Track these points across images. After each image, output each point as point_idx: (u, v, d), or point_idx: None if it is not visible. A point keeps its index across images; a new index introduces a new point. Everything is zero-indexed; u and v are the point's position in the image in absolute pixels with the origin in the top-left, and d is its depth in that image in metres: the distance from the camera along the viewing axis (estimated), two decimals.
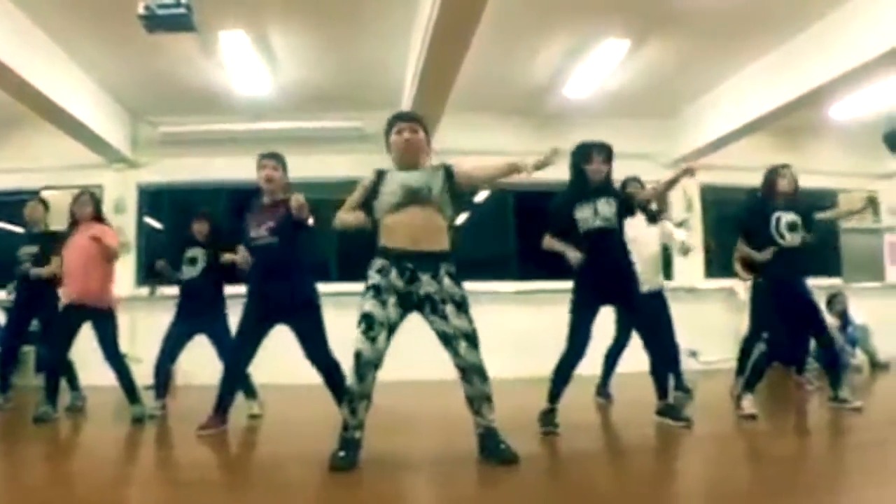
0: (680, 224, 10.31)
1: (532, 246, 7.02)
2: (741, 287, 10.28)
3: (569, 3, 7.34)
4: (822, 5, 7.30)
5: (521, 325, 9.52)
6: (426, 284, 4.20)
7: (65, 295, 6.51)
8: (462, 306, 4.21)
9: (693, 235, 10.60)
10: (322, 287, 5.74)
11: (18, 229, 9.73)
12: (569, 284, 5.78)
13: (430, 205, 4.32)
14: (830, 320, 10.00)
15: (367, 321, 4.12)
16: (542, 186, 10.53)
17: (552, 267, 7.76)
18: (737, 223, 7.09)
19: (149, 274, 8.37)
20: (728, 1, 7.08)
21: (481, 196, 10.86)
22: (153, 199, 10.60)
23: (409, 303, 4.22)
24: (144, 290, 8.35)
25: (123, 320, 8.00)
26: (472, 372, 4.17)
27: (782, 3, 7.24)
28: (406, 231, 4.25)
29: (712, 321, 10.35)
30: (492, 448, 4.16)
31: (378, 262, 4.27)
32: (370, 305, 4.15)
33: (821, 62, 7.61)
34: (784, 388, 8.56)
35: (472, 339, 4.18)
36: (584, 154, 5.85)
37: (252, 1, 7.13)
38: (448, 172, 4.50)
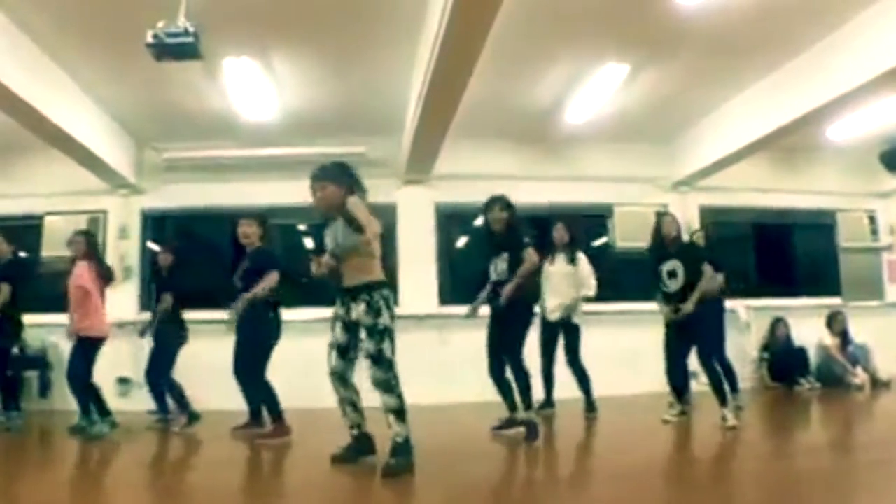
0: None
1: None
2: (742, 308, 10.34)
3: (569, 29, 7.38)
4: (819, 28, 7.34)
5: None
6: (353, 312, 5.01)
7: None
8: (371, 331, 4.90)
9: None
10: None
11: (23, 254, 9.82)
12: None
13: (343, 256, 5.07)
14: (830, 340, 10.08)
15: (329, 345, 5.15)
16: (541, 210, 10.67)
17: None
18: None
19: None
20: (726, 25, 7.12)
21: (481, 220, 10.89)
22: (157, 224, 10.59)
23: (350, 326, 5.09)
24: (146, 316, 8.45)
25: (125, 345, 8.19)
26: (378, 387, 4.88)
27: (779, 26, 7.29)
28: (342, 271, 5.10)
29: None
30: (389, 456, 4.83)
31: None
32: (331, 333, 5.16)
33: (818, 84, 7.65)
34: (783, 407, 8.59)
35: (376, 359, 4.86)
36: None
37: (257, 27, 7.17)
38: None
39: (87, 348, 7.18)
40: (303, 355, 6.87)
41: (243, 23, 7.02)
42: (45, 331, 9.52)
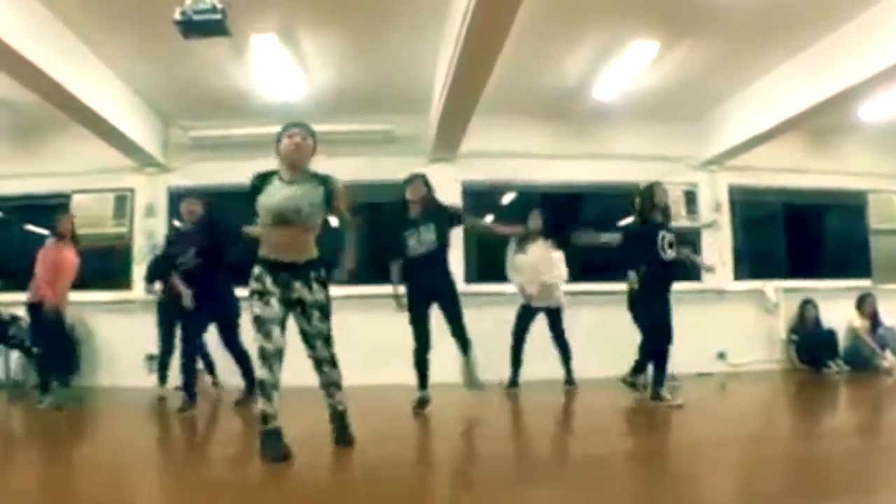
0: (708, 225, 10.31)
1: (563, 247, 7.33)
2: (771, 289, 10.25)
3: (598, 6, 7.31)
4: (852, 6, 7.23)
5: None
6: (298, 290, 4.60)
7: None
8: (325, 311, 4.68)
9: (722, 237, 10.60)
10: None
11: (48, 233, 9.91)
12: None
13: (297, 224, 4.61)
14: (859, 323, 9.97)
15: (258, 322, 4.50)
16: (569, 188, 10.60)
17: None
18: None
19: None
20: (758, 2, 7.04)
21: (508, 197, 10.85)
22: None
23: (288, 302, 4.60)
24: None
25: (152, 323, 8.23)
26: (325, 364, 4.74)
27: (812, 4, 7.18)
28: (285, 242, 4.64)
29: (741, 323, 10.31)
30: (339, 428, 4.85)
31: (256, 270, 4.63)
32: (258, 308, 4.52)
33: (851, 63, 7.53)
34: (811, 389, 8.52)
35: (328, 338, 4.72)
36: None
37: (283, 4, 7.16)
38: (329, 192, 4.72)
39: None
40: None
41: (270, 0, 7.00)
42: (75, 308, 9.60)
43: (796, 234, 11.36)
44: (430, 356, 6.62)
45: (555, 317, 8.60)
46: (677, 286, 7.15)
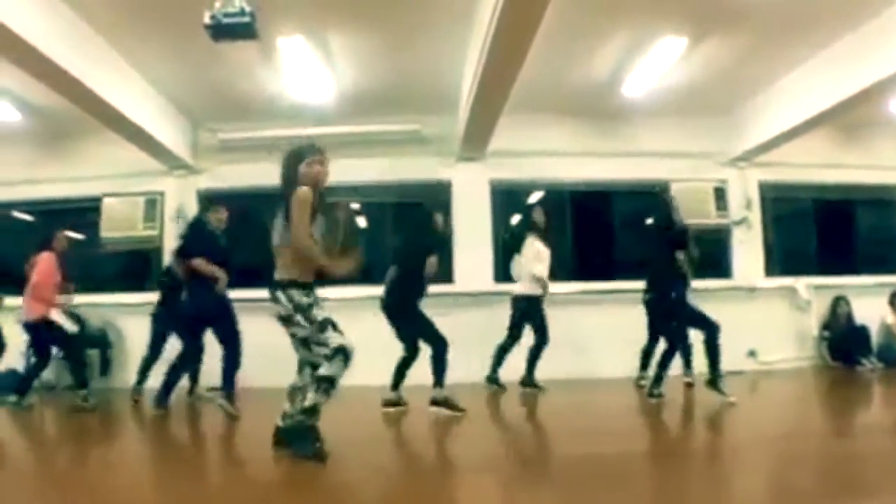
0: (739, 222, 10.24)
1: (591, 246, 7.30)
2: (803, 286, 10.16)
3: (626, 2, 7.28)
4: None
5: (580, 327, 9.51)
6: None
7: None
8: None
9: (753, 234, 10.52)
10: None
11: (79, 236, 10.03)
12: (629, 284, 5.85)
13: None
14: (892, 319, 9.87)
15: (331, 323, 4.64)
16: (597, 186, 10.55)
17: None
18: None
19: None
20: None
21: (536, 196, 10.81)
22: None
23: None
24: None
25: None
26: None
27: None
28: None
29: (772, 320, 10.21)
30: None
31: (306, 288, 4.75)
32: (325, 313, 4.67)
33: (882, 56, 7.43)
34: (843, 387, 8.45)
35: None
36: None
37: (311, 6, 7.19)
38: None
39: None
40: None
41: (298, 2, 7.03)
42: (106, 310, 9.73)
43: (828, 230, 11.23)
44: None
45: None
46: (707, 283, 7.14)
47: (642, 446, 5.26)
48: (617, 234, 10.75)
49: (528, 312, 8.31)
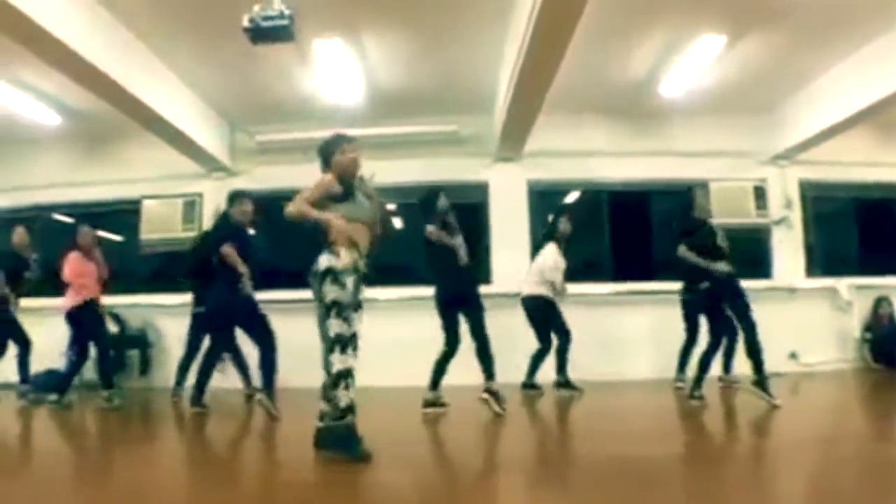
0: (779, 222, 10.12)
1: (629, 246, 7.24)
2: (844, 287, 10.02)
3: (664, 1, 7.24)
4: None
5: (615, 327, 9.47)
6: None
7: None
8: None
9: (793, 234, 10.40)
10: None
11: (118, 238, 10.15)
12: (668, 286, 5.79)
13: None
14: None
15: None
16: (635, 186, 10.49)
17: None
18: None
19: None
20: None
21: (573, 196, 10.75)
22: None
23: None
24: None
25: None
26: None
27: None
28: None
29: (813, 321, 10.07)
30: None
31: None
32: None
33: None
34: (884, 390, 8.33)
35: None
36: None
37: (347, 8, 7.21)
38: None
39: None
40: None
41: (334, 4, 7.06)
42: (145, 311, 9.85)
43: (869, 230, 11.07)
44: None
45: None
46: (747, 284, 7.04)
47: (682, 449, 5.21)
48: (655, 234, 10.64)
49: (546, 312, 8.29)
